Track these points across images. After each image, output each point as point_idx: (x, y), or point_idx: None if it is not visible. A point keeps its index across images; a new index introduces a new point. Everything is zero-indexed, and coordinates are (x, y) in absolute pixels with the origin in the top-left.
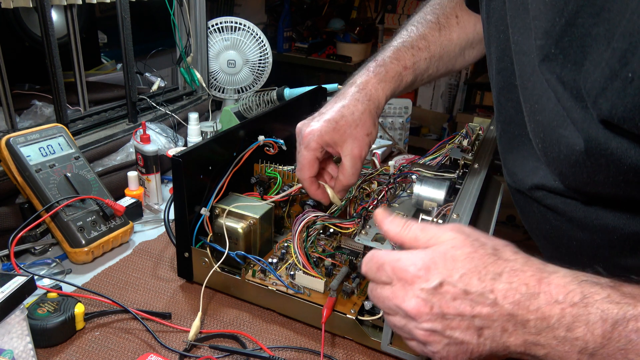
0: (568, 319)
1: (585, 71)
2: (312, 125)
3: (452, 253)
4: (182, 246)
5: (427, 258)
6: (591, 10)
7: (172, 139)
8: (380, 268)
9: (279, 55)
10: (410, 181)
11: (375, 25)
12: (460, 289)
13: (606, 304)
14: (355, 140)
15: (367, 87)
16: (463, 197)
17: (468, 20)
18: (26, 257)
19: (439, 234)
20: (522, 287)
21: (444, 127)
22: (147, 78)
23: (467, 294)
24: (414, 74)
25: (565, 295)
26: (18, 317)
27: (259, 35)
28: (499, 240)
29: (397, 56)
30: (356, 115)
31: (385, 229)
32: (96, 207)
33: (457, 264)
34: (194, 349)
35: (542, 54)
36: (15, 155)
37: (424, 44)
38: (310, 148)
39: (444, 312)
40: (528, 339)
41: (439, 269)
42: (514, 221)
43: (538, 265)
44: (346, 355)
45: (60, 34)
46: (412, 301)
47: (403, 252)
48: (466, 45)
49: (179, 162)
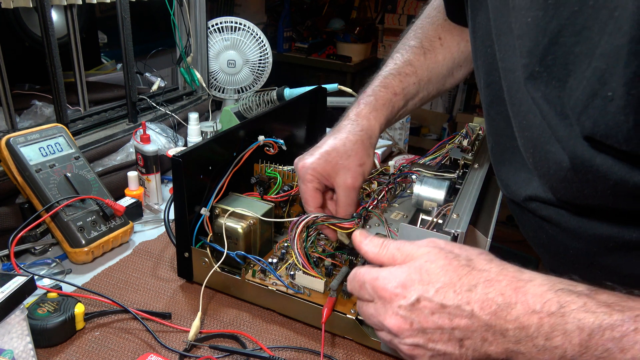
0: (546, 329)
1: (569, 88)
2: (306, 159)
3: (427, 267)
4: (182, 246)
5: (403, 275)
6: (573, 29)
7: (172, 139)
8: (362, 286)
9: (279, 55)
10: (410, 181)
11: (375, 25)
12: (437, 303)
13: (582, 313)
14: (347, 171)
15: (358, 118)
16: (463, 197)
17: (452, 40)
18: (26, 257)
19: (414, 250)
20: (499, 298)
21: (444, 127)
22: (147, 78)
23: (444, 307)
24: (405, 99)
25: (542, 305)
26: (18, 317)
27: (259, 35)
28: (473, 250)
29: (385, 84)
30: (348, 146)
31: (364, 250)
32: (96, 207)
33: (432, 277)
34: (194, 349)
35: (527, 72)
36: (15, 155)
37: (410, 70)
38: (306, 181)
39: (423, 326)
40: (509, 347)
41: (414, 285)
42: (514, 221)
43: (513, 273)
44: (346, 355)
45: (60, 34)
46: (392, 319)
47: (382, 269)
48: (453, 66)
49: (179, 162)
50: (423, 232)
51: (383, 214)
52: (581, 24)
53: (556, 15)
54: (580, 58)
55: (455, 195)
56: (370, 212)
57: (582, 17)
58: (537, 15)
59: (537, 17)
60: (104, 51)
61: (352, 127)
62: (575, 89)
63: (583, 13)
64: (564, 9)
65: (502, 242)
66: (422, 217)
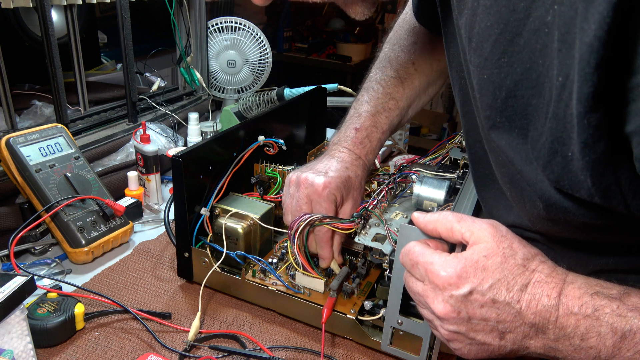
0: (582, 330)
1: (531, 137)
2: (325, 178)
3: (484, 263)
4: (182, 246)
5: (459, 266)
6: (528, 83)
7: (172, 139)
8: (414, 266)
9: (279, 55)
10: (410, 181)
11: (375, 25)
12: (489, 298)
13: (615, 317)
14: (354, 203)
15: (360, 156)
16: (463, 197)
17: (424, 64)
18: (26, 257)
19: (475, 230)
20: (545, 299)
21: (444, 127)
22: (147, 78)
23: (495, 302)
24: (390, 131)
25: (579, 307)
26: (18, 317)
27: (259, 35)
28: (531, 249)
29: (375, 123)
30: (358, 180)
31: (424, 220)
32: (96, 207)
33: (488, 274)
34: (194, 349)
35: (489, 124)
36: (15, 155)
37: (393, 104)
38: (330, 201)
39: (470, 317)
40: (547, 343)
41: (469, 277)
42: None
43: (560, 275)
44: (346, 355)
45: (60, 34)
46: (441, 305)
47: (436, 255)
48: (428, 86)
49: (179, 162)
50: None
51: (383, 214)
52: (534, 79)
53: (510, 72)
54: (537, 110)
55: (455, 195)
56: (370, 212)
57: (535, 74)
58: (492, 72)
59: (492, 74)
60: (104, 51)
61: (359, 162)
62: (537, 140)
63: (535, 70)
64: (517, 66)
65: None
66: None
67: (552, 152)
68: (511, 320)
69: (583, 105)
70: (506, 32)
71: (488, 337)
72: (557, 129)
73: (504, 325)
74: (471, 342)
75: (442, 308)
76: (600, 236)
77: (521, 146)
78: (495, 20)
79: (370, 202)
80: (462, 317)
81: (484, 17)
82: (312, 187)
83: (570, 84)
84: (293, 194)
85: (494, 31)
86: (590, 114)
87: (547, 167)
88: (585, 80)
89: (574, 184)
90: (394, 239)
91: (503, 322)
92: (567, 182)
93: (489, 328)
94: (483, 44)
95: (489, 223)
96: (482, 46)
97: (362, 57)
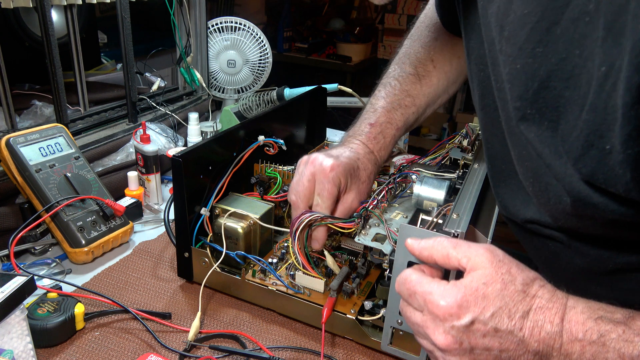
0: (587, 356)
1: (561, 130)
2: (334, 160)
3: (484, 290)
4: (182, 246)
5: (459, 295)
6: (562, 75)
7: (172, 139)
8: (412, 295)
9: (279, 55)
10: (410, 181)
11: (375, 25)
12: (491, 327)
13: (621, 342)
14: (358, 194)
15: (374, 150)
16: (463, 197)
17: (444, 61)
18: (26, 257)
19: (472, 255)
20: (547, 325)
21: (444, 127)
22: (147, 78)
23: (497, 331)
24: (405, 129)
25: (584, 333)
26: (18, 317)
27: (259, 35)
28: (529, 272)
29: (390, 119)
30: (367, 173)
31: (419, 246)
32: (96, 207)
33: (488, 302)
34: (194, 349)
35: (519, 115)
36: (15, 155)
37: (409, 101)
38: (334, 183)
39: (472, 347)
40: None
41: (470, 307)
42: None
43: (561, 300)
44: (346, 355)
45: (60, 34)
46: (442, 337)
47: (434, 283)
48: (448, 84)
49: (179, 162)
50: (423, 232)
51: (383, 214)
52: (569, 71)
53: (545, 62)
54: (570, 102)
55: (455, 195)
56: (370, 212)
57: (570, 65)
58: (526, 62)
59: (526, 64)
60: (104, 51)
61: (371, 157)
62: (568, 134)
63: (570, 61)
64: (552, 56)
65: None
66: (422, 217)
67: (587, 145)
68: (514, 348)
69: (632, 96)
70: (543, 20)
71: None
72: (595, 121)
73: (507, 354)
74: None
75: (443, 340)
76: (626, 233)
77: (550, 139)
78: (533, 7)
79: (370, 202)
80: (464, 348)
81: (520, 4)
82: (321, 167)
83: (615, 74)
84: (302, 172)
85: (531, 19)
86: (638, 105)
87: (580, 161)
88: (637, 70)
89: (610, 178)
90: (394, 239)
91: (506, 351)
92: (602, 177)
93: (492, 357)
94: (518, 33)
95: (485, 248)
96: (517, 35)
97: (362, 57)
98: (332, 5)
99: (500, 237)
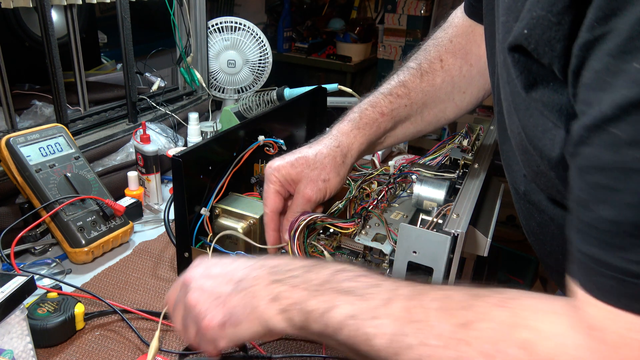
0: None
1: None
2: (275, 161)
3: (208, 272)
4: (182, 246)
5: (177, 284)
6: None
7: (172, 139)
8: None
9: (279, 55)
10: (410, 181)
11: (375, 25)
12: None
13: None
14: (309, 182)
15: (339, 134)
16: (463, 197)
17: (453, 63)
18: (26, 257)
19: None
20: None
21: (444, 127)
22: (147, 78)
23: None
24: (393, 121)
25: None
26: (18, 317)
27: (259, 35)
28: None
29: (373, 103)
30: (318, 157)
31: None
32: (96, 207)
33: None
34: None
35: None
36: (15, 155)
37: (403, 91)
38: (269, 182)
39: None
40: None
41: (192, 273)
42: (514, 221)
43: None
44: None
45: (60, 34)
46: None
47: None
48: (453, 90)
49: (179, 162)
50: (423, 232)
51: (383, 214)
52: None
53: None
54: None
55: (455, 195)
56: (370, 212)
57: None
58: None
59: None
60: (104, 51)
61: (330, 141)
62: None
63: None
64: None
65: (502, 242)
66: (422, 217)
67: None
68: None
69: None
70: None
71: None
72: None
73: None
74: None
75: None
76: None
77: None
78: None
79: (370, 202)
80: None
81: None
82: (264, 171)
83: None
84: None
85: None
86: None
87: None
88: None
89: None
90: (394, 239)
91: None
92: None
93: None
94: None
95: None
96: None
97: (362, 57)
98: (332, 5)
99: (501, 237)
